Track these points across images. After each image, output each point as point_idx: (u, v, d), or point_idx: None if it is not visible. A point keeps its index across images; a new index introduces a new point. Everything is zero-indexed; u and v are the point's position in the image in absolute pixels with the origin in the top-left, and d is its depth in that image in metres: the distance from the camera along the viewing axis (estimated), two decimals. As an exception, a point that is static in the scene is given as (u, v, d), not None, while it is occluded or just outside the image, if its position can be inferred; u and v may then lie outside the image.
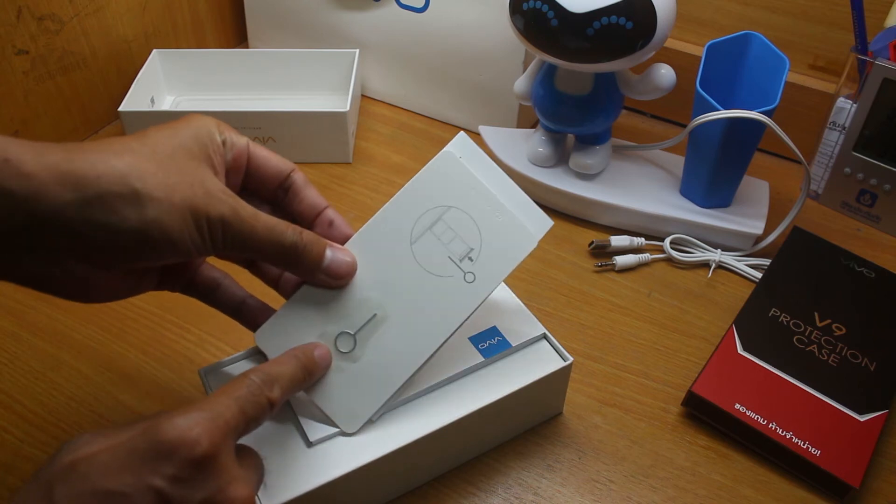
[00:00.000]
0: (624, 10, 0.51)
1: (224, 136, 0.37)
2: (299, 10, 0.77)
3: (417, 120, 0.76)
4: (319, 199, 0.40)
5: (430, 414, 0.41)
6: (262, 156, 0.39)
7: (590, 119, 0.61)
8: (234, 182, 0.38)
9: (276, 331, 0.40)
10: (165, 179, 0.32)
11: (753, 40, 0.59)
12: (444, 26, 0.69)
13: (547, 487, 0.45)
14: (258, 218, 0.35)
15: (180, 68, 0.74)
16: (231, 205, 0.34)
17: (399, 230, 0.41)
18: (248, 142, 0.38)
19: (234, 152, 0.37)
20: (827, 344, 0.51)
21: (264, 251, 0.36)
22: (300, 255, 0.37)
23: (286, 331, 0.40)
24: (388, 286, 0.40)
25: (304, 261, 0.37)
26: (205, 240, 0.34)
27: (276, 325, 0.40)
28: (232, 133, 0.37)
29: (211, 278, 0.41)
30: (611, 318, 0.56)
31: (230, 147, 0.37)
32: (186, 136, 0.35)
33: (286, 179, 0.40)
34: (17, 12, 0.61)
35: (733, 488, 0.45)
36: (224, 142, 0.37)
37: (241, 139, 0.38)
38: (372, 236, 0.41)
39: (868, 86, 0.60)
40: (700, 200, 0.62)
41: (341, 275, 0.39)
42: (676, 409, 0.49)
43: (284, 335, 0.40)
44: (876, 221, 0.65)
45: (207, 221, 0.33)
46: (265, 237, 0.35)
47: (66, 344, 0.52)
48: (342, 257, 0.39)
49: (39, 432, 0.46)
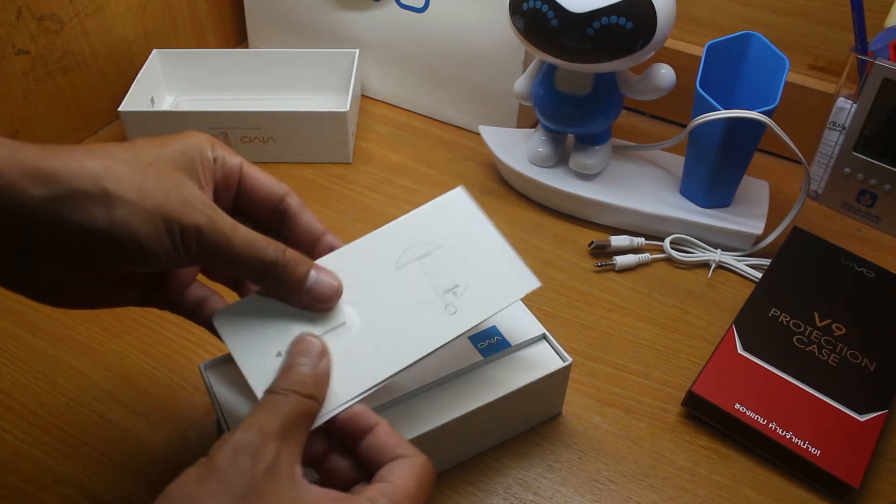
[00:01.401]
0: (624, 10, 0.51)
1: (217, 153, 0.36)
2: (299, 10, 0.77)
3: (417, 120, 0.76)
4: (317, 224, 0.39)
5: (428, 413, 0.41)
6: (255, 177, 0.38)
7: (590, 119, 0.61)
8: (224, 201, 0.38)
9: (238, 315, 0.38)
10: (141, 184, 0.32)
11: (753, 40, 0.59)
12: (444, 26, 0.69)
13: (547, 487, 0.45)
14: (237, 230, 0.34)
15: (180, 68, 0.74)
16: (208, 214, 0.33)
17: (387, 253, 0.40)
18: (242, 161, 0.38)
19: (226, 170, 0.37)
20: (827, 344, 0.51)
21: (242, 265, 0.35)
22: (281, 274, 0.36)
23: (248, 319, 0.37)
24: (364, 301, 0.39)
25: (285, 280, 0.36)
26: (177, 248, 0.33)
27: (239, 310, 0.38)
28: (226, 151, 0.37)
29: (197, 297, 0.40)
30: (611, 318, 0.56)
31: (221, 164, 0.37)
32: (173, 148, 0.35)
33: (280, 203, 0.39)
34: (17, 12, 0.61)
35: (733, 488, 0.45)
36: (216, 159, 0.36)
37: (235, 158, 0.37)
38: (359, 253, 0.40)
39: (868, 86, 0.60)
40: (700, 200, 0.62)
41: (325, 298, 0.37)
42: (676, 409, 0.49)
43: (246, 324, 0.37)
44: (876, 221, 0.65)
45: (181, 229, 0.32)
46: (243, 251, 0.34)
47: (66, 344, 0.52)
48: (327, 280, 0.37)
49: (39, 432, 0.46)
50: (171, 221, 0.32)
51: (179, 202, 0.33)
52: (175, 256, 0.33)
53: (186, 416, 0.47)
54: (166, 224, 0.32)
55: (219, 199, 0.37)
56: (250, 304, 0.38)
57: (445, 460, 0.45)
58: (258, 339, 0.37)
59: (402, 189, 0.67)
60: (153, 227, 0.32)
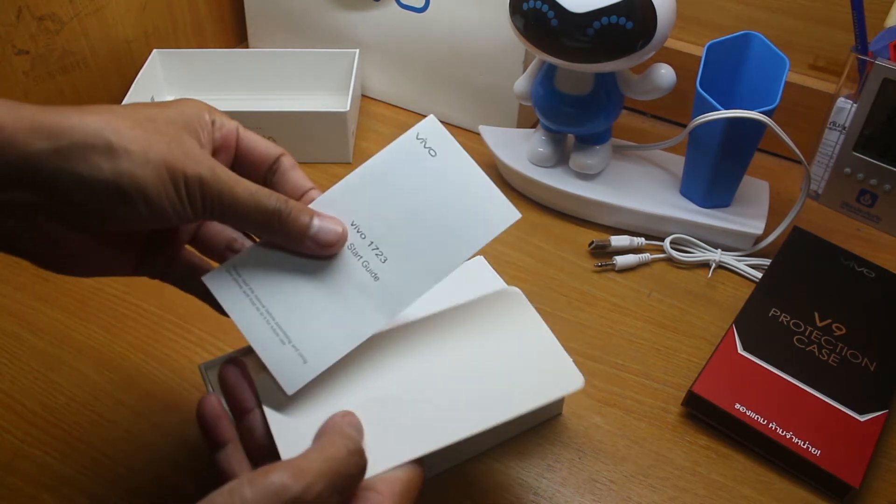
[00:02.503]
0: (624, 10, 0.51)
1: (214, 116, 0.37)
2: (299, 10, 0.77)
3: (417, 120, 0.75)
4: (305, 180, 0.40)
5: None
6: (251, 139, 0.39)
7: (590, 119, 0.61)
8: (223, 162, 0.38)
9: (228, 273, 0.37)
10: (143, 136, 0.32)
11: (753, 40, 0.59)
12: (444, 26, 0.69)
13: (547, 487, 0.45)
14: (239, 182, 0.34)
15: (180, 68, 0.74)
16: (209, 166, 0.33)
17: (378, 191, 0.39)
18: (238, 125, 0.38)
19: (223, 132, 0.37)
20: (827, 344, 0.51)
21: (246, 216, 0.35)
22: (285, 221, 0.36)
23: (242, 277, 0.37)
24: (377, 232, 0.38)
25: (289, 227, 0.36)
26: (182, 201, 0.33)
27: (230, 268, 0.38)
28: (222, 116, 0.37)
29: (190, 263, 0.40)
30: (611, 318, 0.56)
31: (219, 127, 0.37)
32: (173, 111, 0.35)
33: (274, 163, 0.39)
34: (17, 12, 0.61)
35: (733, 488, 0.45)
36: (213, 122, 0.37)
37: (231, 122, 0.38)
38: (347, 195, 0.39)
39: (868, 86, 0.60)
40: (700, 200, 0.62)
41: (331, 242, 0.37)
42: (676, 409, 0.49)
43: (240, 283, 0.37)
44: (876, 221, 0.65)
45: (185, 180, 0.32)
46: (247, 200, 0.34)
47: (66, 344, 0.52)
48: (331, 226, 0.37)
49: (39, 432, 0.46)
50: (175, 172, 0.32)
51: (181, 154, 0.33)
52: (181, 208, 0.33)
53: (186, 416, 0.47)
54: (171, 174, 0.32)
55: (218, 160, 0.37)
56: (242, 261, 0.38)
57: (445, 460, 0.45)
58: (253, 300, 0.37)
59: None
60: (158, 178, 0.32)
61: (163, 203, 0.32)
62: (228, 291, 0.37)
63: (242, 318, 0.37)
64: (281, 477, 0.29)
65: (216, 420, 0.35)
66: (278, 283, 0.37)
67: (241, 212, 0.35)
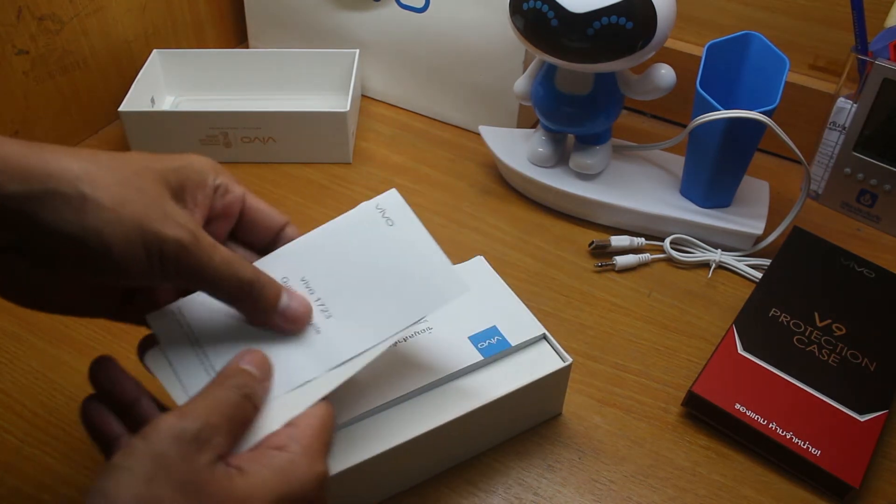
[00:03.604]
0: (624, 10, 0.51)
1: (220, 181, 0.36)
2: (299, 10, 0.77)
3: (417, 120, 0.76)
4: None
5: (427, 412, 0.41)
6: (257, 208, 0.38)
7: (590, 119, 0.61)
8: (222, 229, 0.38)
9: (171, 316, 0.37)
10: (120, 192, 0.31)
11: (753, 40, 0.59)
12: (444, 26, 0.69)
13: (547, 487, 0.45)
14: (216, 249, 0.33)
15: (180, 68, 0.74)
16: (190, 230, 0.32)
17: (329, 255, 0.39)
18: (245, 192, 0.38)
19: (227, 200, 0.37)
20: (827, 344, 0.51)
21: (219, 285, 0.34)
22: (257, 295, 0.35)
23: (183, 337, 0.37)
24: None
25: (260, 301, 0.35)
26: (152, 262, 0.31)
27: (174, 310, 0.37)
28: (230, 180, 0.37)
29: None
30: (611, 318, 0.56)
31: (222, 193, 0.36)
32: (167, 165, 0.34)
33: (279, 232, 0.39)
34: (17, 12, 0.61)
35: (733, 488, 0.45)
36: (217, 187, 0.36)
37: (238, 188, 0.37)
38: (301, 252, 0.39)
39: (868, 86, 0.60)
40: (700, 200, 0.62)
41: (298, 318, 0.37)
42: (676, 409, 0.49)
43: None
44: (876, 221, 0.65)
45: (161, 243, 0.31)
46: (222, 269, 0.33)
47: (66, 344, 0.52)
48: (299, 301, 0.37)
49: (39, 432, 0.46)
50: (149, 234, 0.31)
51: (160, 215, 0.32)
52: (148, 270, 0.32)
53: (186, 416, 0.47)
54: (142, 236, 0.31)
55: (216, 227, 0.37)
56: (188, 303, 0.37)
57: (446, 460, 0.45)
58: (192, 340, 0.37)
59: (403, 189, 0.66)
60: (126, 238, 0.31)
61: (127, 262, 0.31)
62: (168, 329, 0.37)
63: (177, 356, 0.36)
64: (167, 420, 0.29)
65: (103, 418, 0.34)
66: (220, 327, 0.37)
67: (216, 280, 0.34)
